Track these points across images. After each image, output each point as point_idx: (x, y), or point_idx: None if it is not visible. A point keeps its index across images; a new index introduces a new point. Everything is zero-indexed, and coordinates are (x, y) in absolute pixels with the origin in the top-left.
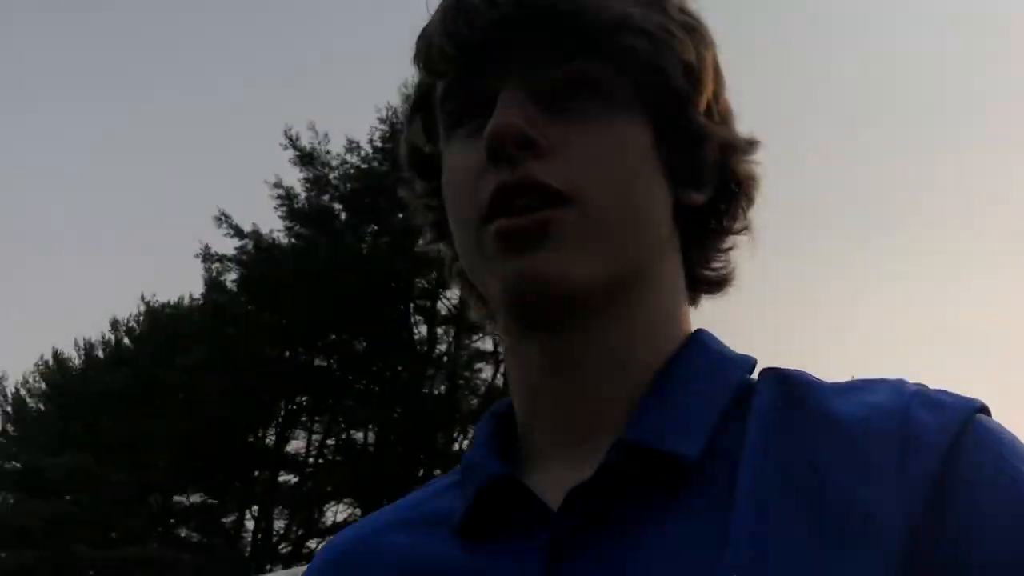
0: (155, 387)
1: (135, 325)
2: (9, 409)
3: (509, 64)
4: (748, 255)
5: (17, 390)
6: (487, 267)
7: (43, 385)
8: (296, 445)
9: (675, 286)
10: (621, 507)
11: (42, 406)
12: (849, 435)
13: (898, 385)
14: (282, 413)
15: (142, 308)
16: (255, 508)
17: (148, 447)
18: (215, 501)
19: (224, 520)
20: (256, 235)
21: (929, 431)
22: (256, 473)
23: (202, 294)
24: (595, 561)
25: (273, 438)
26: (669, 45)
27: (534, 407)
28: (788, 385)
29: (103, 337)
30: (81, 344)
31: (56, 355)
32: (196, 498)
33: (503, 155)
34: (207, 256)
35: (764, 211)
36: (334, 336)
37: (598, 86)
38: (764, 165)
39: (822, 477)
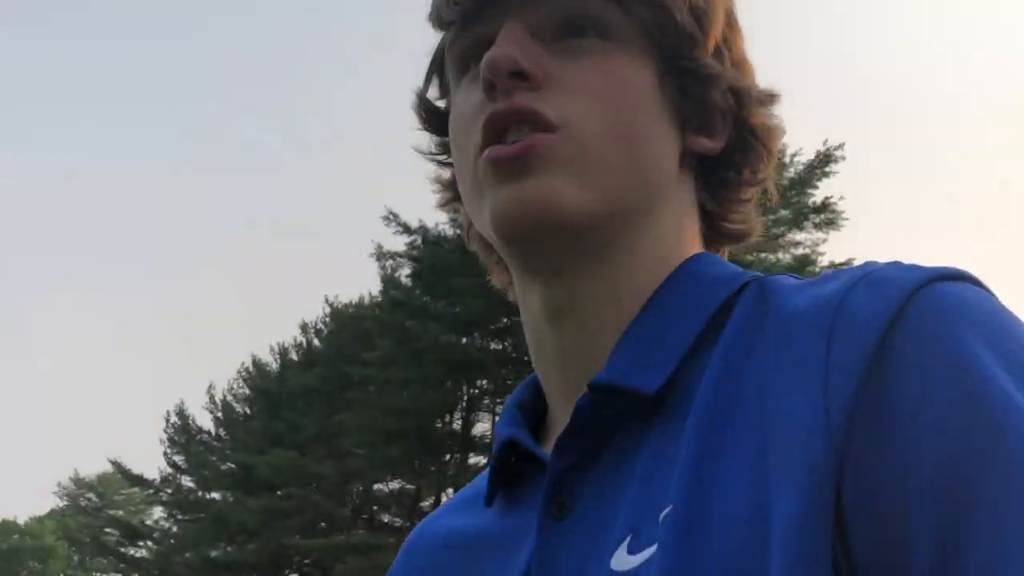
0: (346, 383)
1: (322, 326)
2: (219, 415)
3: (509, 4)
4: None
5: (224, 397)
6: (482, 202)
7: (246, 390)
8: (481, 428)
9: (679, 231)
10: (605, 447)
11: (247, 409)
12: (788, 334)
13: (858, 269)
14: (465, 398)
15: (327, 310)
16: (449, 490)
17: (346, 440)
18: (412, 486)
19: (422, 504)
20: (423, 230)
21: (861, 316)
22: (448, 457)
23: (380, 291)
24: (585, 504)
25: (460, 422)
26: None
27: (544, 362)
28: (762, 294)
29: (295, 340)
30: (276, 349)
31: (255, 361)
32: (395, 485)
33: (498, 86)
34: (380, 255)
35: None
36: (506, 319)
37: (598, 23)
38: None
39: (764, 388)
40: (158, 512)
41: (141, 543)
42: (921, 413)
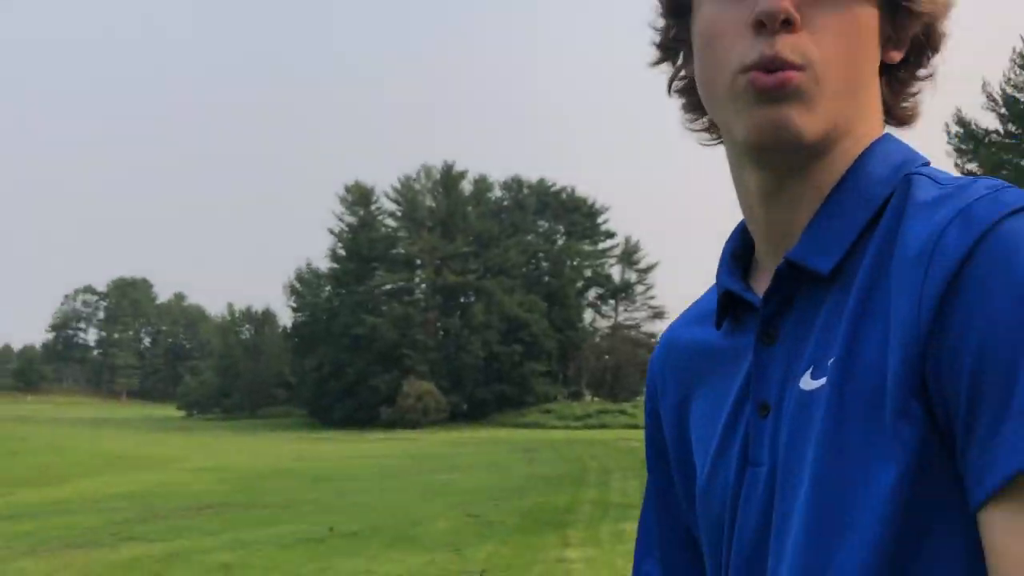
0: None
1: None
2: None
3: None
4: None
5: (1003, 89)
6: (735, 108)
7: None
8: None
9: (869, 127)
10: (798, 300)
11: None
12: (906, 258)
13: (967, 195)
14: None
15: None
16: None
17: None
18: None
19: None
20: None
21: (949, 248)
22: None
23: None
24: (784, 337)
25: None
26: None
27: (754, 226)
28: (902, 202)
29: None
30: None
31: None
32: None
33: (769, 29)
34: None
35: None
36: None
37: None
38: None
39: (892, 284)
40: None
41: None
42: (977, 311)
